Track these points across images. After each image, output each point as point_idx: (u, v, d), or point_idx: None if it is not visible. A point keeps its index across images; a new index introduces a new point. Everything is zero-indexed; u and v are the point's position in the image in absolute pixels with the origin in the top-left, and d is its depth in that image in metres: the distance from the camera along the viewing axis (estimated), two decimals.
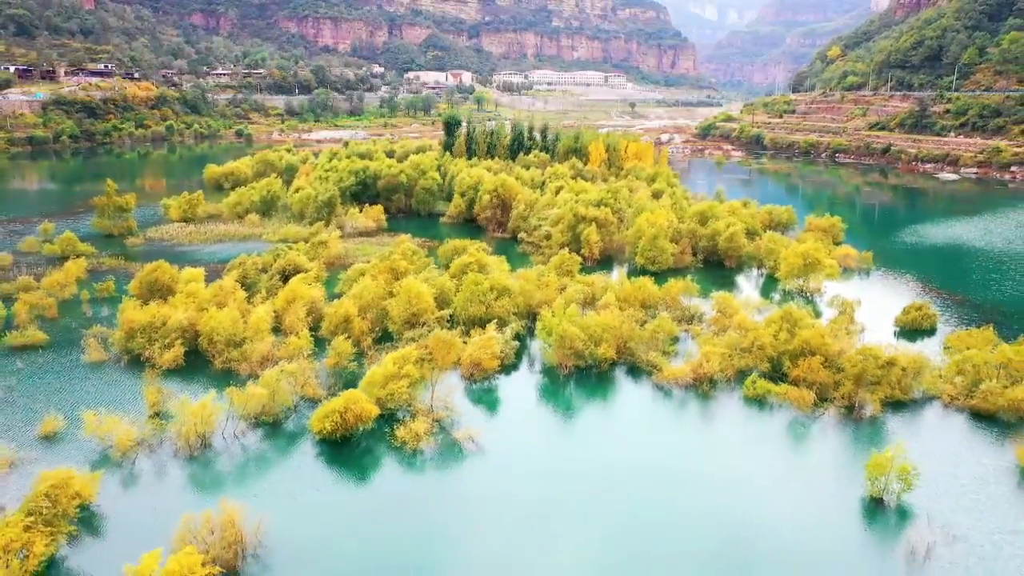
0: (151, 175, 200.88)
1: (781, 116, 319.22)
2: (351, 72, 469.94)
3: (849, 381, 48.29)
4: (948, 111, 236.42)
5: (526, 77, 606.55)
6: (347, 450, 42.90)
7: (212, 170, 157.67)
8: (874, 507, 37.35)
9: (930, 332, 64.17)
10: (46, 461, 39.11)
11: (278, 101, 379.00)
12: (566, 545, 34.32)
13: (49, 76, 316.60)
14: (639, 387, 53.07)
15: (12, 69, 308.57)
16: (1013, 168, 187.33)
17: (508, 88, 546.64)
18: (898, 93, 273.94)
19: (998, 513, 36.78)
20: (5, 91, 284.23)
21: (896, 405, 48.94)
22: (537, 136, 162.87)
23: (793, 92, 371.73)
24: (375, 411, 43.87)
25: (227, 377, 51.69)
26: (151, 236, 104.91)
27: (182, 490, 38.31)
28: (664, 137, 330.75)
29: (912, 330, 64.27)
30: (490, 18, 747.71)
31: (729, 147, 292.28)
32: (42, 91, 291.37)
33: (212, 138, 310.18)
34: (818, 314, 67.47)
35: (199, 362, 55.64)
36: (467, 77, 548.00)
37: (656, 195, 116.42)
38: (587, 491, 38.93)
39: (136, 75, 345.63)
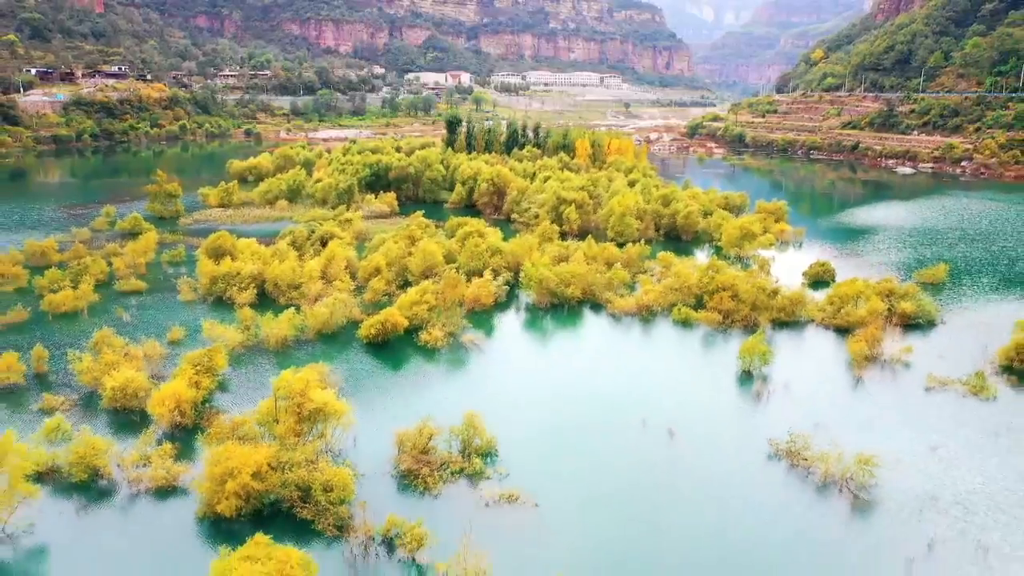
0: (166, 171, 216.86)
1: (764, 116, 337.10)
2: (353, 73, 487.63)
3: (746, 307, 66.55)
4: (913, 111, 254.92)
5: (523, 78, 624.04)
6: (385, 349, 61.06)
7: (236, 165, 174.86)
8: (744, 377, 55.57)
9: (829, 282, 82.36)
10: (182, 353, 56.96)
11: (283, 102, 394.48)
12: (539, 402, 52.30)
13: (68, 78, 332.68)
14: (598, 317, 71.28)
15: (33, 71, 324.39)
16: (963, 163, 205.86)
17: (506, 88, 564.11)
18: (870, 94, 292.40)
19: (823, 375, 55.33)
20: (28, 92, 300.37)
21: (783, 325, 67.25)
22: (530, 134, 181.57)
23: (778, 93, 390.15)
24: (405, 323, 62.03)
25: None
26: (197, 218, 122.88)
27: (278, 366, 56.18)
28: (653, 136, 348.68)
29: (815, 281, 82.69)
30: (488, 20, 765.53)
31: (712, 145, 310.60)
32: (62, 92, 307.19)
33: (222, 137, 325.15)
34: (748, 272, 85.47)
35: (266, 301, 73.57)
36: (466, 78, 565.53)
37: (632, 184, 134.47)
38: (557, 379, 56.73)
39: (148, 76, 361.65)
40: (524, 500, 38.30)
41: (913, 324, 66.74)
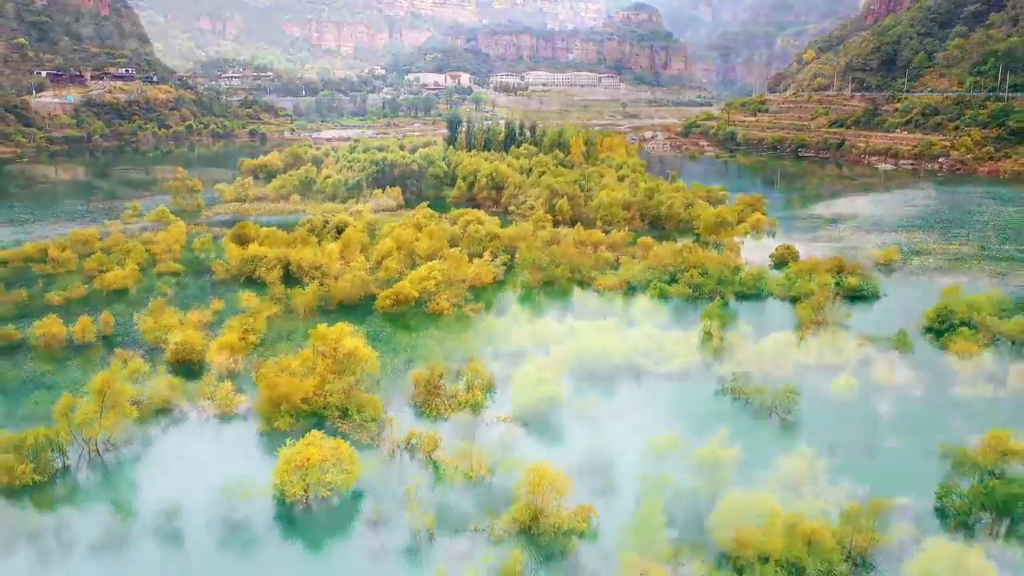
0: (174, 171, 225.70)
1: (755, 115, 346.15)
2: (354, 74, 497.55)
3: (713, 282, 76.24)
4: (897, 110, 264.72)
5: (522, 78, 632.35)
6: (400, 316, 70.75)
7: (247, 163, 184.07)
8: (705, 337, 65.10)
9: (792, 262, 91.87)
10: (227, 319, 66.46)
11: (286, 102, 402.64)
12: (529, 355, 61.77)
13: (77, 80, 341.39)
14: (585, 292, 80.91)
15: (44, 74, 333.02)
16: (940, 159, 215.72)
17: (505, 89, 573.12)
18: (857, 94, 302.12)
19: (771, 335, 64.68)
20: (40, 94, 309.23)
21: (746, 297, 77.01)
22: (527, 132, 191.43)
23: (770, 92, 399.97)
24: (416, 295, 71.69)
25: None
26: (217, 211, 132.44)
27: (309, 325, 65.69)
28: (648, 135, 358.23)
29: (780, 262, 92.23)
30: (487, 21, 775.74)
31: (705, 143, 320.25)
32: (72, 94, 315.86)
33: (227, 137, 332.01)
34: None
35: (290, 280, 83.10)
36: (465, 78, 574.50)
37: (621, 179, 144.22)
38: (546, 338, 66.11)
39: (154, 78, 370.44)
40: (516, 421, 47.92)
41: (859, 296, 76.47)
